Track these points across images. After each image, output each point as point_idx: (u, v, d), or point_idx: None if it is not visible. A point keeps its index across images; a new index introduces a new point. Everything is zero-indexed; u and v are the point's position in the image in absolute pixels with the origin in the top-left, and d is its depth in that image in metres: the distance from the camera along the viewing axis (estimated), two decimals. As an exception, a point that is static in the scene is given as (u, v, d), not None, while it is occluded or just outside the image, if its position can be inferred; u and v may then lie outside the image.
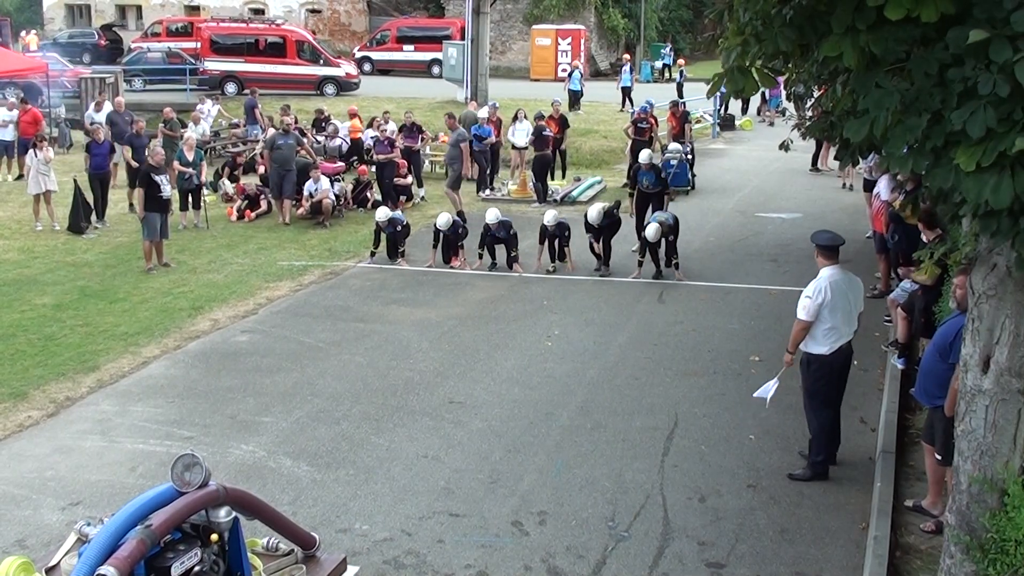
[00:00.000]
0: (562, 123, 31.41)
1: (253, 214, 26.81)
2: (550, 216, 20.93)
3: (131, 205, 24.71)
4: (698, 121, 40.30)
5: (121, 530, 7.88)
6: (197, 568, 8.20)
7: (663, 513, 11.14)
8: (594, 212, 21.06)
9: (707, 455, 12.57)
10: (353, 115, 33.87)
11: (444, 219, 21.45)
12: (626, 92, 44.58)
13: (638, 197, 23.12)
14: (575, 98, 43.47)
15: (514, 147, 31.75)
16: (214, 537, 8.38)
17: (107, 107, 31.82)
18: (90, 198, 25.31)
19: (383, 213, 21.95)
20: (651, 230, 20.01)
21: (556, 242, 21.20)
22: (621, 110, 42.22)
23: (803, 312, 11.51)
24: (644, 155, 23.14)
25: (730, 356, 16.08)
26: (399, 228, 21.99)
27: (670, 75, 44.87)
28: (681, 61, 47.20)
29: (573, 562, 10.18)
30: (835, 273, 11.63)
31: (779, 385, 12.14)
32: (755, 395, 12.41)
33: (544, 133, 29.08)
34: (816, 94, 15.96)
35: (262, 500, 9.45)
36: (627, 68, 45.99)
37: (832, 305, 11.49)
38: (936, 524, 10.54)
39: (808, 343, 11.65)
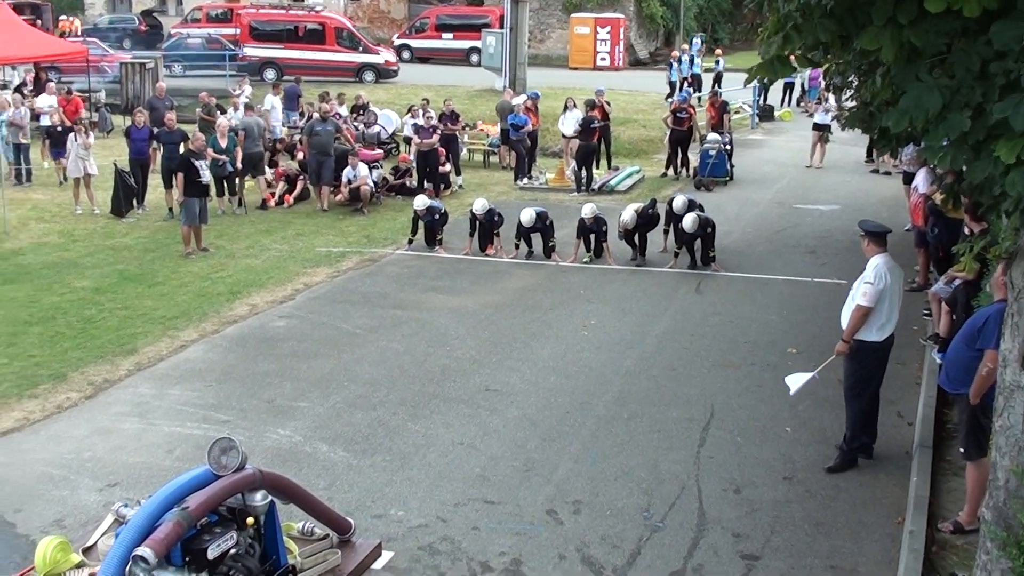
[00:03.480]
0: (604, 112, 31.34)
1: (292, 197, 26.86)
2: (588, 210, 20.85)
3: (170, 210, 24.72)
4: (737, 111, 40.08)
5: (158, 512, 7.94)
6: (233, 551, 8.25)
7: (698, 504, 11.12)
8: (628, 215, 21.00)
9: (743, 447, 12.54)
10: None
11: (480, 204, 21.45)
12: (695, 80, 44.37)
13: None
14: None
15: (564, 136, 31.71)
16: (250, 520, 8.43)
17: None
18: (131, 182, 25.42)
19: (421, 201, 21.93)
20: (688, 221, 19.94)
21: (593, 236, 21.14)
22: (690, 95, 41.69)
23: (864, 298, 11.39)
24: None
25: (767, 348, 16.02)
26: (437, 216, 22.00)
27: (693, 68, 44.60)
28: (719, 51, 46.96)
29: (607, 552, 10.17)
30: (888, 260, 11.57)
31: (813, 379, 12.08)
32: (786, 379, 12.34)
33: (592, 125, 29.02)
34: (855, 84, 15.86)
35: (298, 484, 9.51)
36: (685, 58, 45.74)
37: (889, 292, 11.43)
38: (954, 524, 10.50)
39: (861, 330, 11.56)
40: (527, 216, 20.97)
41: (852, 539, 10.45)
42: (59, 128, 28.29)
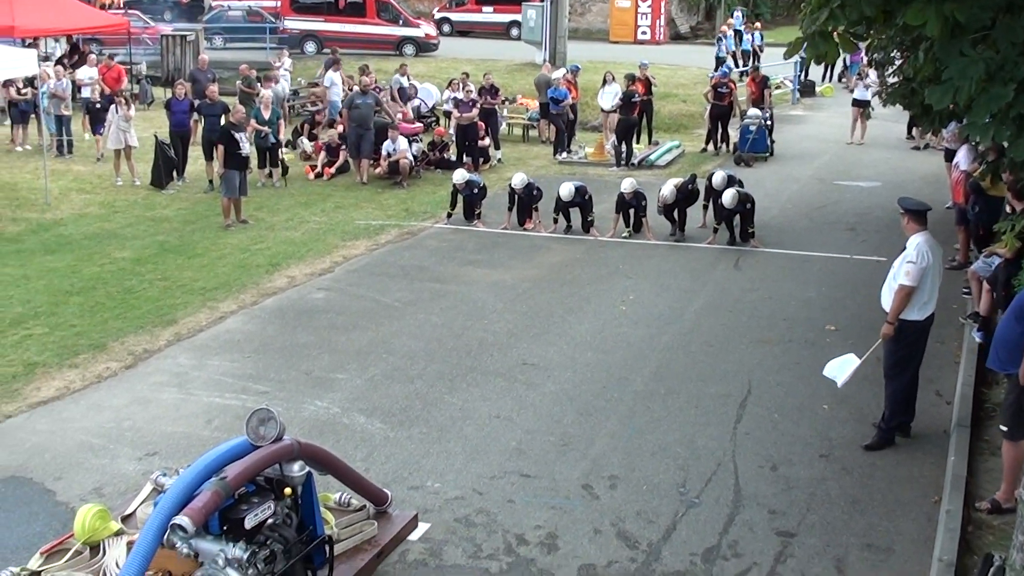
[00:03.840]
0: (647, 85, 31.24)
1: (333, 169, 26.91)
2: (627, 185, 20.77)
3: (210, 182, 24.78)
4: (778, 87, 39.83)
5: (196, 481, 7.99)
6: (270, 521, 8.31)
7: (734, 480, 11.11)
8: (667, 190, 20.94)
9: (780, 424, 12.51)
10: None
11: (519, 178, 21.42)
12: (746, 55, 44.11)
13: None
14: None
15: (602, 110, 31.64)
16: (287, 491, 8.48)
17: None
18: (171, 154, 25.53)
19: (460, 175, 21.92)
20: (728, 196, 19.87)
21: (632, 211, 21.08)
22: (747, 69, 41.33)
23: (908, 278, 11.28)
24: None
25: (805, 325, 15.97)
26: (476, 190, 21.99)
27: (743, 44, 44.29)
28: (758, 25, 46.67)
29: (643, 527, 10.19)
30: (928, 238, 11.48)
31: (857, 368, 12.01)
32: (827, 374, 12.25)
33: (633, 99, 28.92)
34: (898, 61, 15.75)
35: (335, 456, 9.56)
36: (731, 33, 45.45)
37: (932, 270, 11.36)
38: (992, 503, 10.45)
39: (905, 310, 11.48)
40: (566, 190, 20.92)
41: (888, 518, 10.42)
42: (98, 104, 28.25)
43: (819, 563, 9.58)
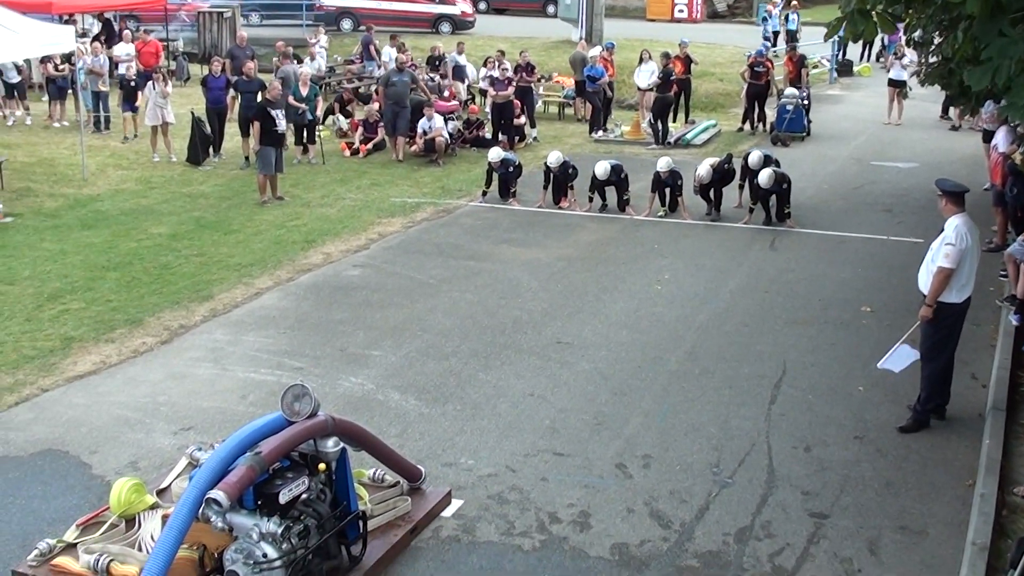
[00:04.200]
0: (687, 63, 31.13)
1: (370, 145, 26.94)
2: (663, 163, 20.68)
3: (246, 158, 24.84)
4: (815, 66, 39.61)
5: (231, 456, 8.04)
6: (304, 496, 8.36)
7: (768, 461, 11.09)
8: (703, 170, 20.88)
9: (814, 405, 12.48)
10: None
11: (555, 157, 21.38)
12: (789, 35, 43.91)
13: None
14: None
15: (639, 88, 31.55)
16: (322, 466, 8.53)
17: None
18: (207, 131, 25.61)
19: (496, 153, 21.90)
20: (764, 176, 19.78)
21: (668, 190, 21.01)
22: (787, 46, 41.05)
23: (947, 260, 11.20)
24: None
25: (841, 306, 15.91)
26: (511, 168, 21.98)
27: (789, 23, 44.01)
28: (795, 3, 46.38)
29: (676, 507, 10.18)
30: (966, 220, 11.40)
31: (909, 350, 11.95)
32: (880, 365, 12.19)
33: (671, 78, 28.85)
34: (936, 40, 15.63)
35: (370, 432, 9.61)
36: (776, 12, 45.23)
37: (970, 252, 11.29)
38: None
39: (943, 292, 11.41)
40: (601, 169, 20.88)
41: (922, 500, 10.38)
42: (132, 82, 28.09)
43: (852, 545, 9.55)
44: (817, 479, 10.72)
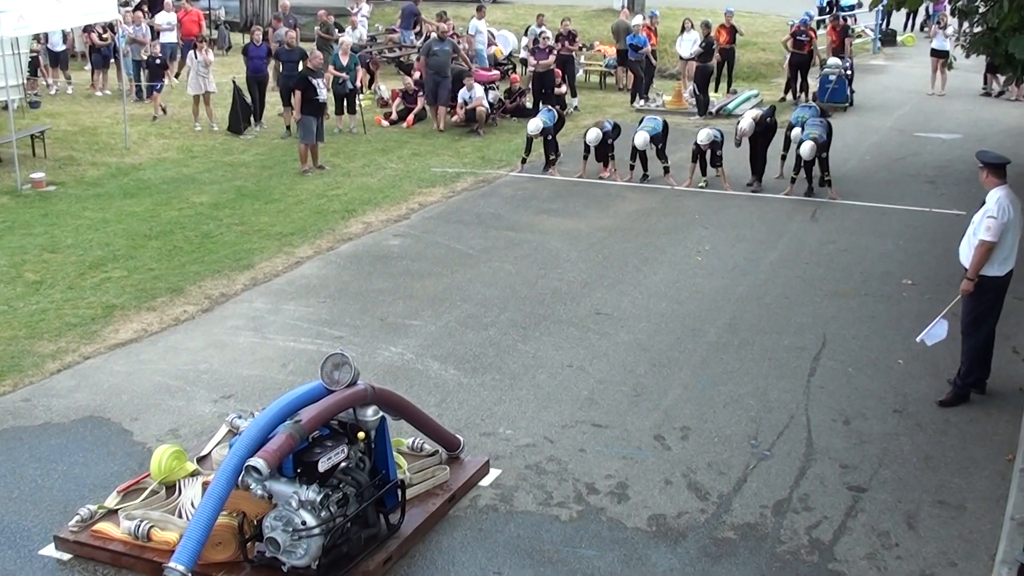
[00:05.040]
0: (732, 33, 30.97)
1: (412, 117, 26.96)
2: (704, 136, 20.54)
3: (288, 127, 24.91)
4: (859, 36, 39.32)
5: (271, 424, 8.09)
6: (343, 464, 8.40)
7: (806, 434, 11.06)
8: (746, 123, 20.75)
9: (854, 377, 12.43)
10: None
11: (593, 135, 21.26)
12: (836, 4, 43.61)
13: None
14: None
15: (680, 58, 31.41)
16: (361, 435, 8.56)
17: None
18: (249, 99, 25.67)
19: (535, 126, 21.82)
20: (806, 148, 19.66)
21: (708, 159, 20.86)
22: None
23: (988, 233, 11.11)
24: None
25: (882, 278, 15.83)
26: (550, 137, 21.92)
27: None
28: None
29: (714, 478, 10.18)
30: (1008, 192, 11.30)
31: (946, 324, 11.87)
32: (920, 339, 12.11)
33: (712, 47, 28.72)
34: (981, 9, 15.48)
35: (409, 401, 9.65)
36: None
37: (1013, 225, 11.19)
38: None
39: (985, 265, 11.32)
40: (640, 139, 20.79)
41: (961, 475, 10.32)
42: (158, 60, 28.01)
43: (890, 518, 9.53)
44: (856, 452, 10.69)
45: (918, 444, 10.87)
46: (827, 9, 41.25)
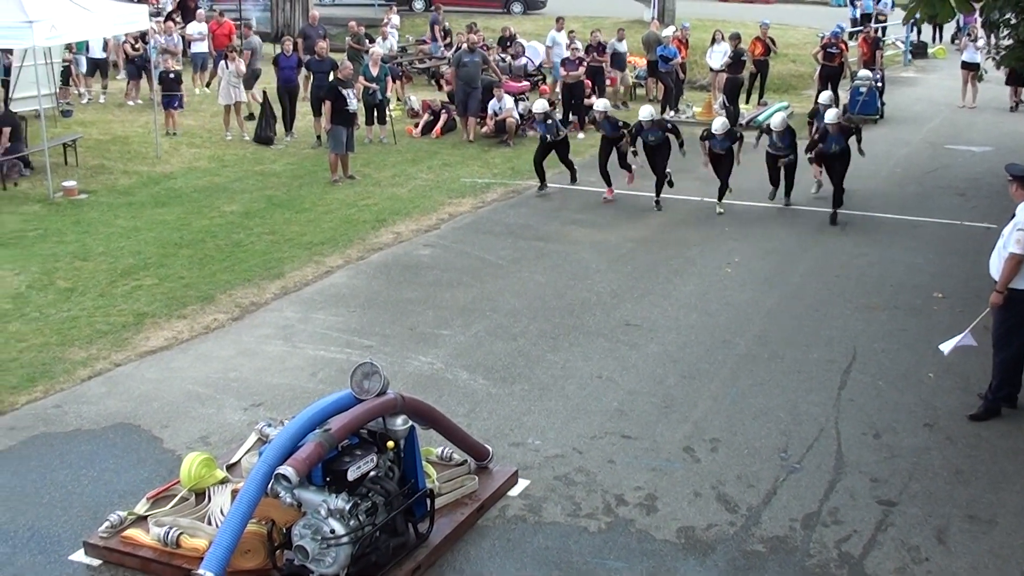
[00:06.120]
0: (767, 45, 30.91)
1: (439, 128, 26.98)
2: (718, 125, 19.92)
3: (318, 137, 24.98)
4: (890, 48, 39.22)
5: (300, 432, 8.11)
6: (373, 473, 8.41)
7: (836, 447, 11.02)
8: (777, 120, 20.49)
9: (884, 391, 12.38)
10: None
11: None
12: (867, 18, 43.46)
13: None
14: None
15: (711, 69, 31.38)
16: (390, 444, 8.57)
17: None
18: (278, 110, 25.75)
19: (541, 105, 21.77)
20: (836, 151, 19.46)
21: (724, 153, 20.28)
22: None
23: (1018, 246, 11.00)
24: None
25: (912, 291, 15.76)
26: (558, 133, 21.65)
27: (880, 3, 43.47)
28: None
29: (743, 491, 10.15)
30: None
31: (969, 340, 11.79)
32: (941, 347, 12.04)
33: (743, 58, 28.69)
34: (1013, 21, 15.42)
35: (438, 411, 9.65)
36: None
37: None
38: None
39: (1015, 279, 11.26)
40: (646, 112, 20.31)
41: (992, 489, 10.26)
42: (171, 75, 26.86)
43: (920, 533, 9.48)
44: (886, 466, 10.64)
45: (949, 458, 10.81)
46: (859, 21, 41.18)
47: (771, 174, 20.66)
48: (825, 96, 20.98)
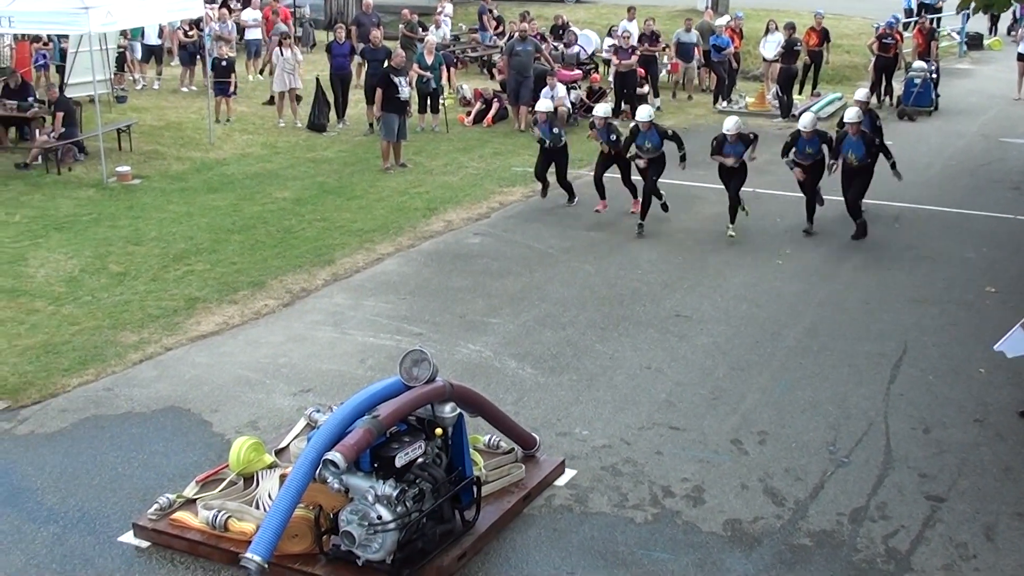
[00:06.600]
0: (822, 35, 30.67)
1: (491, 118, 26.97)
2: (730, 123, 18.25)
3: (370, 125, 25.02)
4: (945, 39, 38.87)
5: (349, 418, 8.15)
6: (420, 460, 8.44)
7: (885, 441, 10.96)
8: (807, 119, 19.48)
9: (934, 385, 12.30)
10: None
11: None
12: (926, 7, 43.07)
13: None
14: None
15: (764, 59, 31.20)
16: (438, 431, 8.60)
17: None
18: (330, 97, 25.81)
19: (545, 104, 20.52)
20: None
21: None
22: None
23: None
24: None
25: (964, 286, 15.64)
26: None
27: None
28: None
29: (791, 484, 10.12)
30: None
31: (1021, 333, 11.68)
32: (998, 348, 11.92)
33: (796, 47, 28.52)
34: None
35: (486, 399, 9.68)
36: None
37: None
38: None
39: None
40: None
41: (1043, 486, 10.21)
42: (224, 62, 26.69)
43: (968, 530, 9.42)
44: (935, 461, 10.58)
45: (999, 455, 10.74)
46: (914, 12, 40.78)
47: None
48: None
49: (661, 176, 18.44)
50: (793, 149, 18.07)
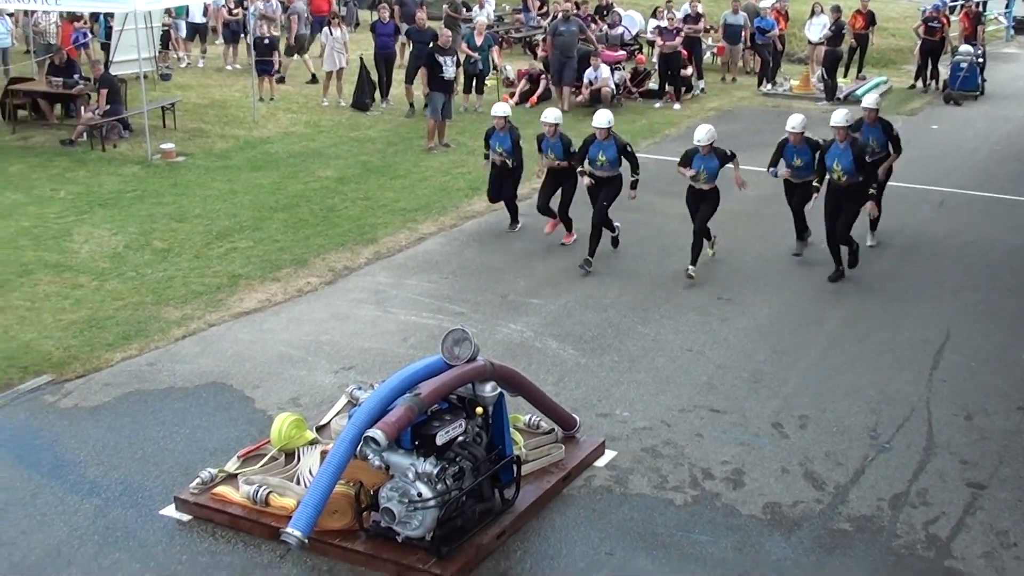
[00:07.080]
0: (869, 18, 30.43)
1: (535, 98, 26.92)
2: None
3: (411, 105, 25.01)
4: (992, 23, 38.54)
5: (391, 396, 8.18)
6: (461, 439, 8.47)
7: (927, 427, 10.91)
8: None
9: (977, 372, 12.23)
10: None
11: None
12: None
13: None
14: None
15: (809, 42, 31.01)
16: (479, 410, 8.63)
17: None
18: (375, 77, 25.84)
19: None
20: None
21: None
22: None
23: None
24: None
25: (1010, 273, 15.53)
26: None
27: None
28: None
29: (831, 468, 10.09)
30: None
31: None
32: None
33: (843, 31, 28.36)
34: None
35: (527, 379, 9.68)
36: None
37: None
38: None
39: None
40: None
41: (1085, 475, 10.14)
42: (266, 40, 26.53)
43: (1009, 517, 9.37)
44: (977, 448, 10.52)
45: (1042, 443, 10.68)
46: None
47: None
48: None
49: (613, 204, 15.76)
50: (781, 160, 16.13)
